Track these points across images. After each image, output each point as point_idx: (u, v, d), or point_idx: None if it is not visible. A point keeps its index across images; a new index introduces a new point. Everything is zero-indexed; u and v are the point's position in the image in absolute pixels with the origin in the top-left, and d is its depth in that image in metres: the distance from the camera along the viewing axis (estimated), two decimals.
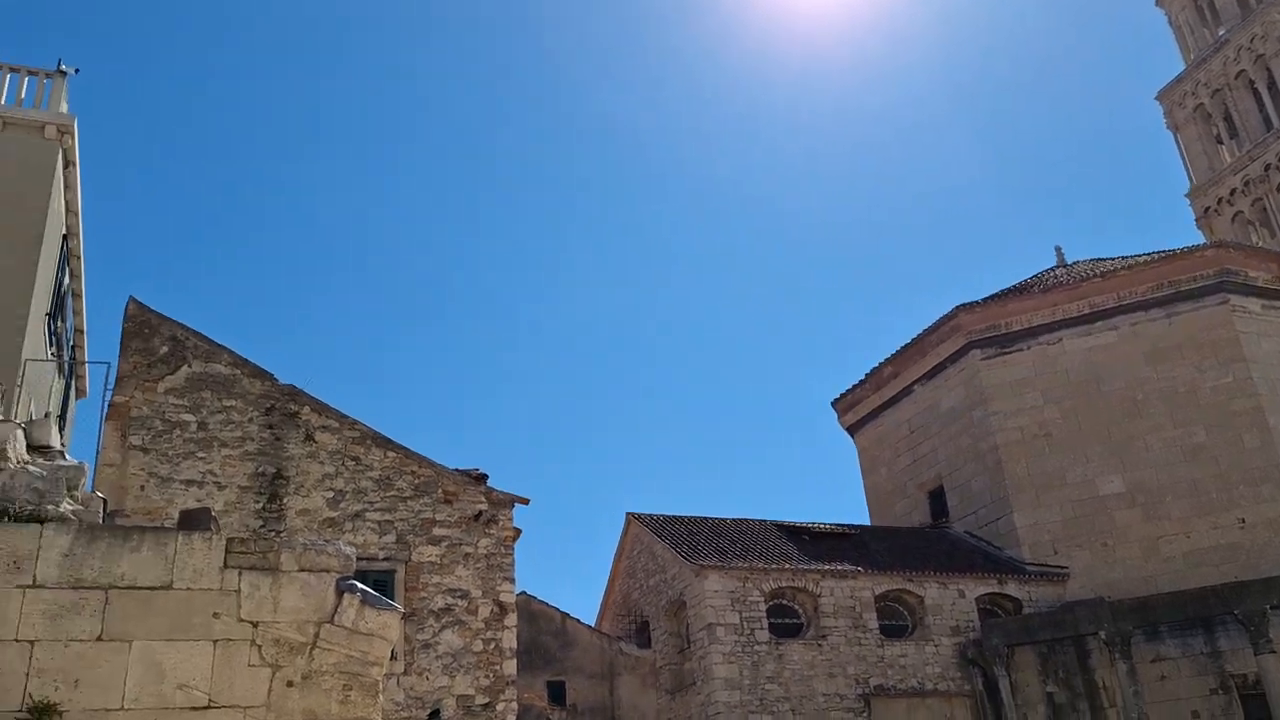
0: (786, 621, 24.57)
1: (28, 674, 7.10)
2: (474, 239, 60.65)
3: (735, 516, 28.31)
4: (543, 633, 25.44)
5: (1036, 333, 28.07)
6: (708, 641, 23.77)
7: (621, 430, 63.72)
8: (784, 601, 24.66)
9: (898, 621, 24.91)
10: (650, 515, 28.11)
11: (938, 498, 29.98)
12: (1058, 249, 32.04)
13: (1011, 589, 25.48)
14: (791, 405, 64.60)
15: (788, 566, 24.86)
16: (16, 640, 7.18)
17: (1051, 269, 31.35)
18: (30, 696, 7.02)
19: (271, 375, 15.15)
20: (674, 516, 28.04)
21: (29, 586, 7.37)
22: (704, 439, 65.37)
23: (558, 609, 26.05)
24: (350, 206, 57.93)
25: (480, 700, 14.56)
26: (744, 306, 64.90)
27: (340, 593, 8.18)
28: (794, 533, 27.34)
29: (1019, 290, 29.67)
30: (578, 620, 26.35)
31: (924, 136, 71.54)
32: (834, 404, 34.92)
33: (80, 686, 7.18)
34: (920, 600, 24.77)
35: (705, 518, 28.03)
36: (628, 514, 28.53)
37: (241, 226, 55.62)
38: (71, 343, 18.65)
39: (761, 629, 23.91)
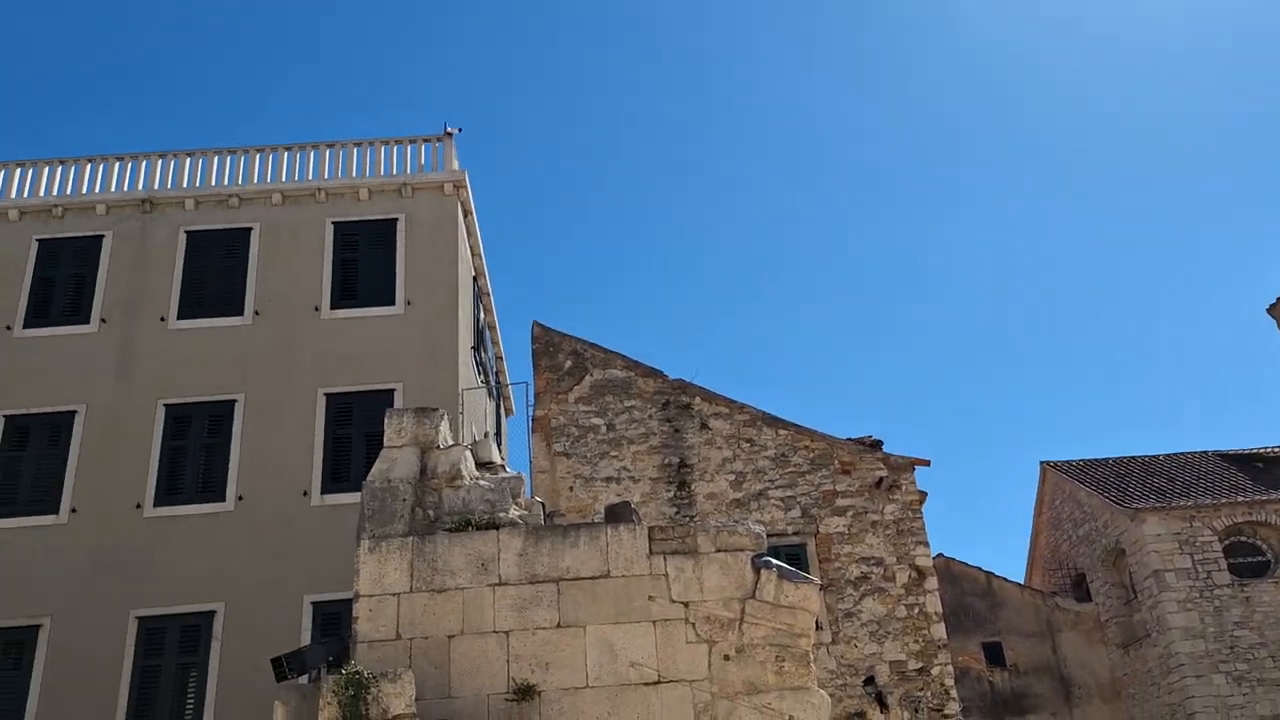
0: (1249, 560, 21.82)
1: (507, 660, 8.14)
2: (823, 206, 60.25)
3: (1169, 452, 25.75)
4: (967, 594, 24.70)
5: None
6: (1156, 590, 21.77)
7: (1019, 375, 59.98)
8: (1243, 539, 21.91)
9: None
10: (1068, 462, 26.39)
11: None
12: None
13: None
14: (1217, 316, 56.97)
15: (1241, 500, 22.09)
16: (495, 631, 8.26)
17: None
18: (513, 679, 8.04)
19: (662, 373, 16.17)
20: (1095, 460, 26.07)
21: (496, 584, 8.45)
22: (1116, 369, 59.64)
23: (981, 569, 25.20)
24: (676, 199, 60.01)
25: (913, 665, 14.44)
26: (1156, 203, 58.31)
27: (757, 569, 8.50)
28: (1242, 461, 24.24)
29: None
30: (1004, 579, 25.31)
31: None
32: (1270, 310, 30.44)
33: (550, 669, 8.10)
34: None
35: (1133, 457, 25.80)
36: (1042, 464, 27.02)
37: (589, 234, 59.72)
38: (494, 368, 21.11)
39: (1219, 570, 21.46)
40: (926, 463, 15.79)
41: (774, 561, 8.58)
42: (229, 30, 49.39)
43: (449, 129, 18.39)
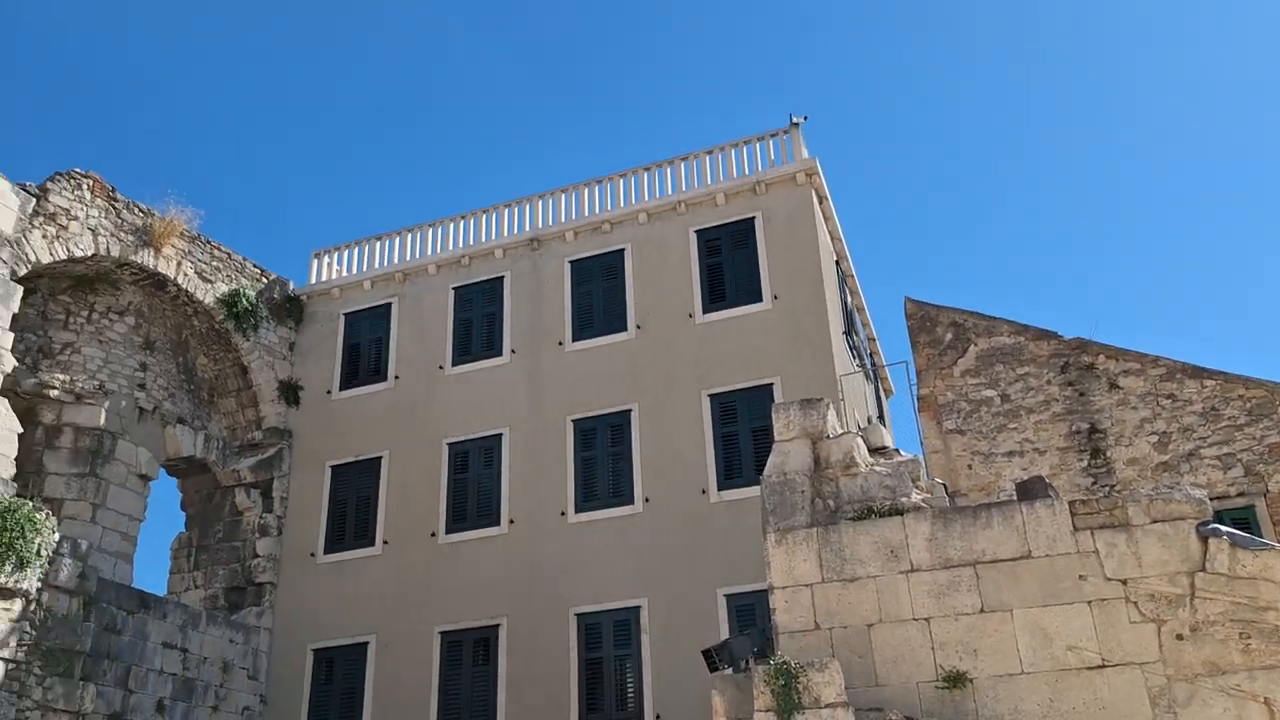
0: None
1: (932, 648, 8.00)
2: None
3: None
4: None
5: None
6: None
7: None
8: None
9: None
10: None
11: None
12: None
13: None
14: None
15: None
16: (914, 619, 8.16)
17: None
18: (940, 667, 7.89)
19: (1055, 333, 15.06)
20: None
21: (909, 571, 8.34)
22: None
23: None
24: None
25: None
26: None
27: (1204, 539, 7.68)
28: None
29: None
30: None
31: None
32: None
33: (979, 655, 7.85)
34: None
35: None
36: None
37: (946, 200, 56.48)
38: (868, 350, 20.86)
39: None
40: None
41: (1223, 529, 7.71)
42: (567, 59, 53.19)
43: (794, 119, 18.45)
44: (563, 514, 16.24)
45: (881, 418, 20.18)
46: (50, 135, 44.41)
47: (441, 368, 18.22)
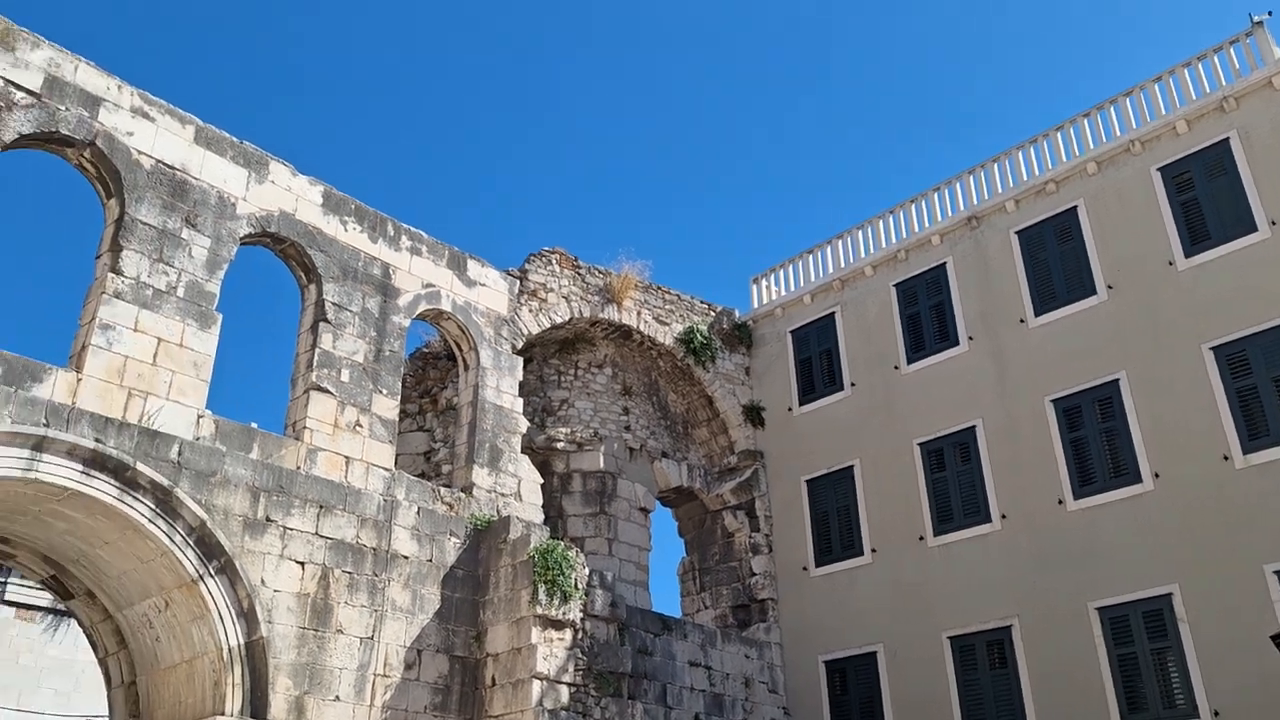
0: None
1: None
2: None
3: None
4: None
5: None
6: None
7: None
8: None
9: None
10: None
11: None
12: None
13: None
14: None
15: None
16: None
17: None
18: None
19: None
20: None
21: None
22: None
23: None
24: None
25: None
26: None
27: None
28: None
29: None
30: None
31: None
32: None
33: None
34: None
35: None
36: None
37: None
38: None
39: None
40: None
41: None
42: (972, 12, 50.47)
43: (1256, 17, 15.89)
44: (1060, 502, 15.09)
45: None
46: (517, 219, 50.91)
47: (897, 368, 17.88)
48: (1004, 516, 15.63)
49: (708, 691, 15.43)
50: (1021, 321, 16.55)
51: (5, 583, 19.22)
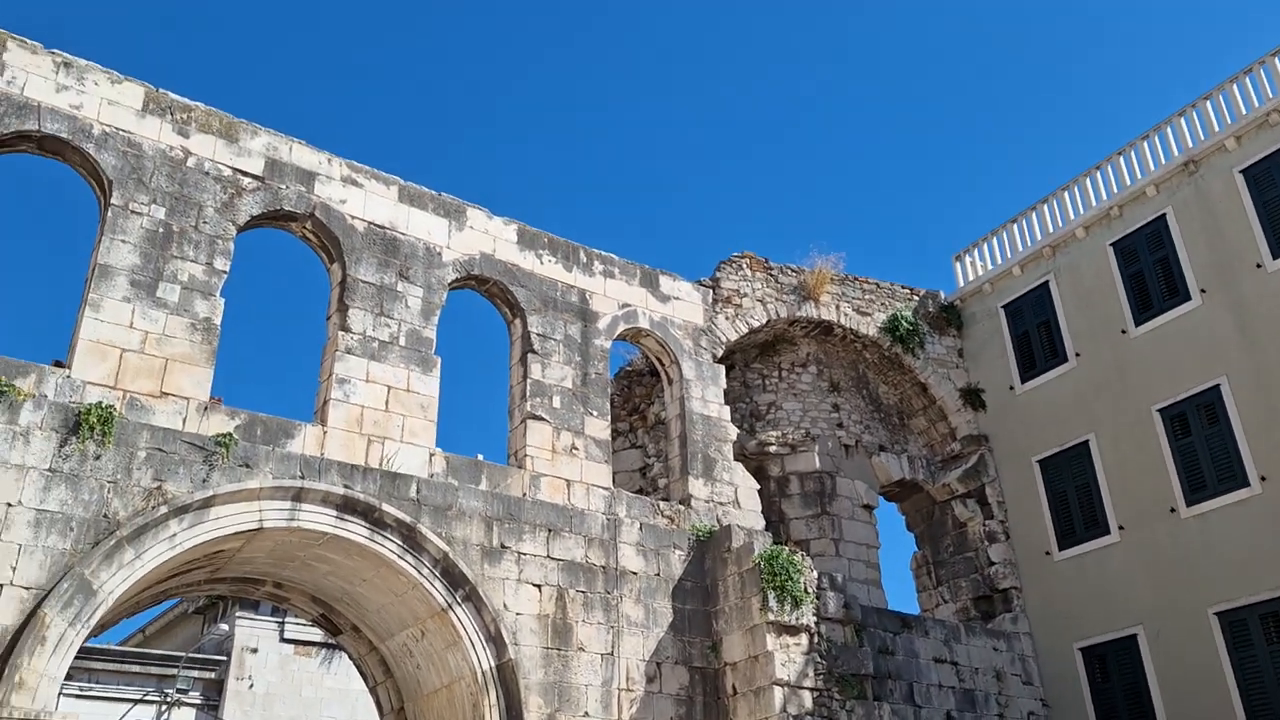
0: None
1: None
2: None
3: None
4: None
5: None
6: None
7: None
8: None
9: None
10: None
11: None
12: None
13: None
14: None
15: None
16: None
17: None
18: None
19: None
20: None
21: None
22: None
23: None
24: None
25: None
26: None
27: None
28: None
29: None
30: None
31: None
32: None
33: None
34: None
35: None
36: None
37: None
38: None
39: None
40: None
41: None
42: None
43: None
44: None
45: None
46: (707, 226, 51.32)
47: (1124, 331, 16.71)
48: (1263, 479, 14.27)
49: (957, 688, 14.89)
50: (1259, 266, 15.11)
51: (283, 622, 21.08)
